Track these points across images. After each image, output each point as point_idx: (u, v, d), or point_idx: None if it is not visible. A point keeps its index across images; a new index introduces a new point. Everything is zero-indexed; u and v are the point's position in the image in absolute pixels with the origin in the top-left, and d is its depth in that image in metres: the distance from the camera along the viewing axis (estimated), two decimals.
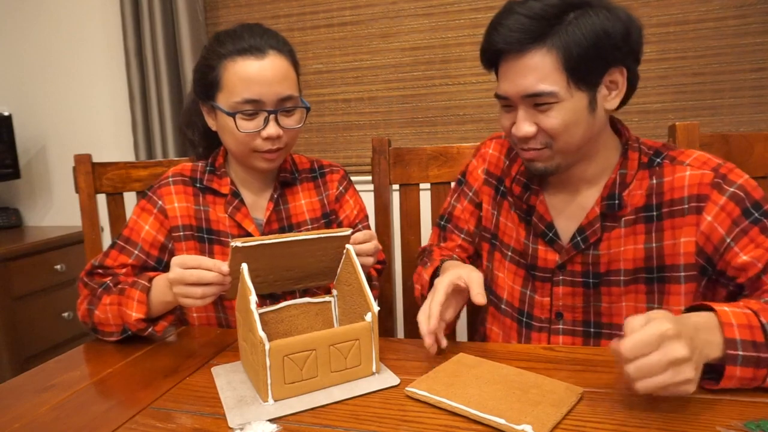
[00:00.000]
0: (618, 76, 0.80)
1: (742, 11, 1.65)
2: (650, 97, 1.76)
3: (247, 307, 0.70)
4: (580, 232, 0.86)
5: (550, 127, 0.78)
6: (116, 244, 1.01)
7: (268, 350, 0.66)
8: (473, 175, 1.02)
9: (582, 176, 0.87)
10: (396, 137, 1.98)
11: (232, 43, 0.94)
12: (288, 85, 0.96)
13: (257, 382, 0.69)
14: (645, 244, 0.83)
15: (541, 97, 0.77)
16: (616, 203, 0.84)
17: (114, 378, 0.79)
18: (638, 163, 0.85)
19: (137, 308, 0.87)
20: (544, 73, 0.76)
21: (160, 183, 1.05)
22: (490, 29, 0.80)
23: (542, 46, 0.75)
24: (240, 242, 0.72)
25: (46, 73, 2.28)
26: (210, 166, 1.06)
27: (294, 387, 0.69)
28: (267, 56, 0.94)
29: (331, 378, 0.71)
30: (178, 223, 1.02)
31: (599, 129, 0.82)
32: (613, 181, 0.85)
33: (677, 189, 0.81)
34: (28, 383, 0.80)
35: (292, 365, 0.68)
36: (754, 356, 0.62)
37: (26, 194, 2.40)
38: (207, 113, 1.02)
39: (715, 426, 0.57)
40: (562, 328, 0.89)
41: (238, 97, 0.93)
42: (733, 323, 0.64)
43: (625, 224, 0.84)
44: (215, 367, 0.79)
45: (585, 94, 0.78)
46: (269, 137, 0.95)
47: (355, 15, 1.96)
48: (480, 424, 0.61)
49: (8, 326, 1.84)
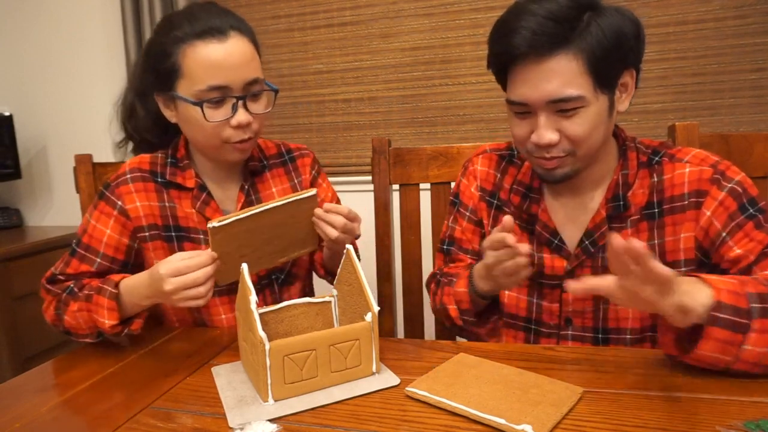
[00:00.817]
0: (628, 78, 0.80)
1: (742, 11, 1.65)
2: (650, 97, 1.76)
3: (247, 307, 0.70)
4: (588, 236, 0.85)
5: (574, 134, 0.77)
6: (76, 252, 0.95)
7: (268, 350, 0.66)
8: (466, 194, 1.00)
9: (586, 180, 0.86)
10: (396, 137, 1.98)
11: (189, 25, 0.87)
12: (254, 67, 0.89)
13: (257, 382, 0.69)
14: (648, 242, 0.83)
15: (568, 103, 0.75)
16: (622, 204, 0.84)
17: (114, 378, 0.79)
18: (637, 163, 0.85)
19: (109, 316, 0.84)
20: (569, 77, 0.74)
21: (118, 180, 0.96)
22: (506, 32, 0.75)
23: (567, 49, 0.73)
24: (216, 222, 0.75)
25: (46, 73, 2.28)
26: (171, 158, 0.98)
27: (294, 387, 0.69)
28: (229, 38, 0.87)
29: (331, 378, 0.71)
30: (143, 223, 0.95)
31: (611, 131, 0.83)
32: (616, 183, 0.85)
33: (677, 186, 0.82)
34: (28, 383, 0.80)
35: (292, 365, 0.68)
36: (733, 320, 0.63)
37: (27, 194, 2.40)
38: (164, 104, 0.93)
39: (715, 426, 0.57)
40: (572, 333, 0.89)
41: (203, 84, 0.86)
42: (721, 288, 0.65)
43: (631, 224, 0.84)
44: (215, 367, 0.79)
45: (607, 97, 0.77)
46: (239, 125, 0.88)
47: (356, 15, 1.96)
48: (480, 424, 0.61)
49: (8, 326, 1.84)
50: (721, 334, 0.63)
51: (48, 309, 0.94)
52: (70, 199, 2.33)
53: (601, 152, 0.84)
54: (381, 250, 1.25)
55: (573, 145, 0.78)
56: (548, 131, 0.77)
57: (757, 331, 0.63)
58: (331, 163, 2.07)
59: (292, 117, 2.08)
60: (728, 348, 0.64)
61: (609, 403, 0.63)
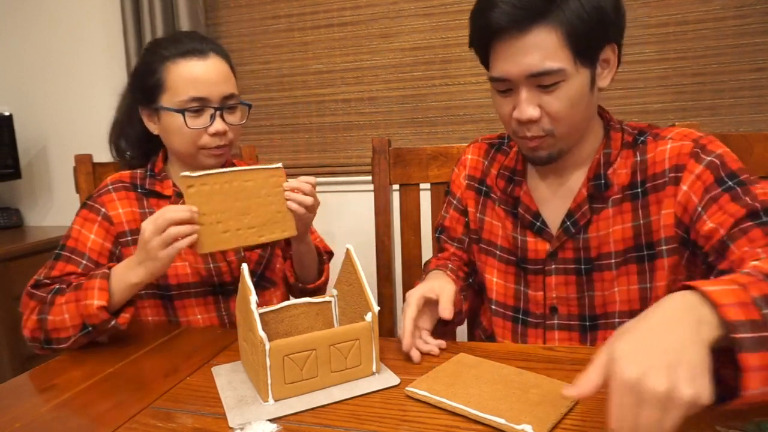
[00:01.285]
0: (610, 53, 0.79)
1: (742, 11, 1.65)
2: (650, 97, 1.76)
3: (247, 307, 0.70)
4: (569, 217, 0.85)
5: (555, 109, 0.77)
6: (61, 256, 0.97)
7: (268, 350, 0.66)
8: (456, 183, 1.03)
9: (570, 160, 0.86)
10: (396, 137, 1.98)
11: (174, 47, 0.98)
12: (230, 84, 1.00)
13: (257, 382, 0.69)
14: (633, 222, 0.83)
15: (549, 76, 0.74)
16: (603, 183, 0.83)
17: (114, 378, 0.79)
18: (621, 143, 0.85)
19: (99, 296, 0.84)
20: (549, 50, 0.73)
21: (100, 192, 1.03)
22: (485, 7, 0.75)
23: (546, 22, 0.72)
24: (188, 172, 0.83)
25: (46, 73, 2.28)
26: (150, 172, 1.06)
27: (294, 387, 0.69)
28: (209, 57, 0.98)
29: (332, 378, 0.71)
30: (125, 228, 1.01)
31: (594, 110, 0.83)
32: (598, 162, 0.84)
33: (659, 162, 0.81)
34: (28, 383, 0.80)
35: (292, 365, 0.68)
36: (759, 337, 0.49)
37: (27, 194, 2.40)
38: (148, 117, 1.03)
39: (715, 426, 0.57)
40: (558, 323, 0.89)
41: (184, 95, 0.95)
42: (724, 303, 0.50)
43: (613, 204, 0.84)
44: (215, 366, 0.80)
45: (588, 70, 0.77)
46: (216, 133, 0.97)
47: (356, 15, 1.96)
48: (480, 424, 0.61)
49: (8, 326, 1.84)
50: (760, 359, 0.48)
51: (28, 320, 0.92)
52: (70, 199, 2.33)
53: (585, 132, 0.84)
54: (381, 250, 1.25)
55: (553, 122, 0.78)
56: (529, 106, 0.77)
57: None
58: (331, 163, 2.07)
59: (292, 117, 2.08)
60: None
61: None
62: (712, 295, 0.51)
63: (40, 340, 0.90)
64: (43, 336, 0.89)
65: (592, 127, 0.85)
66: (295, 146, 2.09)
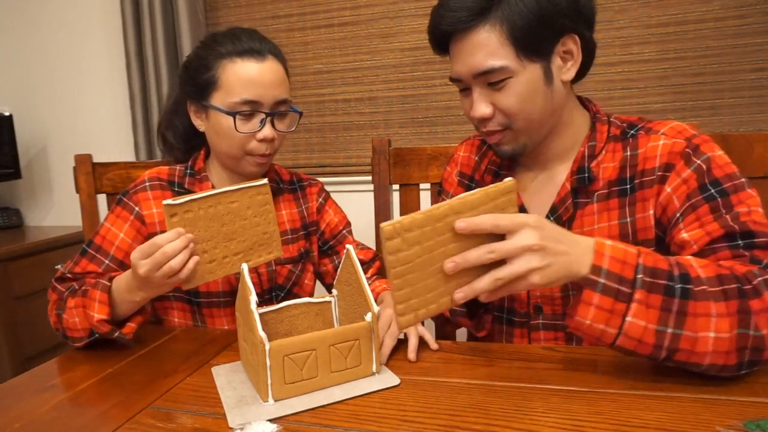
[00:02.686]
0: (571, 45, 0.77)
1: (742, 11, 1.65)
2: (650, 97, 1.76)
3: (247, 307, 0.70)
4: (553, 212, 0.84)
5: (505, 106, 0.77)
6: (87, 252, 0.97)
7: (268, 350, 0.66)
8: (448, 181, 1.02)
9: (550, 153, 0.85)
10: (396, 137, 1.98)
11: (232, 44, 0.94)
12: (284, 89, 0.97)
13: (257, 382, 0.69)
14: (619, 220, 0.80)
15: (493, 74, 0.75)
16: (586, 176, 0.82)
17: (114, 378, 0.79)
18: (607, 135, 0.83)
19: (99, 309, 0.83)
20: (492, 49, 0.74)
21: (137, 188, 1.01)
22: (434, 11, 0.78)
23: (486, 21, 0.74)
24: (171, 200, 0.77)
25: (46, 73, 2.28)
26: (190, 170, 1.04)
27: (294, 387, 0.69)
28: (266, 60, 0.94)
29: (332, 378, 0.71)
30: (157, 229, 0.99)
31: (560, 103, 0.81)
32: (582, 155, 0.83)
33: (650, 159, 0.79)
34: (28, 383, 0.80)
35: (292, 365, 0.68)
36: (614, 287, 0.62)
37: (27, 194, 2.40)
38: (195, 114, 1.00)
39: (715, 426, 0.57)
40: (542, 322, 0.88)
41: (237, 97, 0.92)
42: (605, 254, 0.63)
43: (598, 199, 0.82)
44: (215, 367, 0.80)
45: (538, 65, 0.76)
46: (264, 139, 0.95)
47: (355, 15, 1.96)
48: (479, 424, 0.61)
49: (8, 326, 1.84)
50: (600, 300, 0.62)
51: (51, 311, 0.93)
52: (70, 199, 2.33)
53: (560, 125, 0.83)
54: (381, 250, 1.25)
55: (508, 117, 0.78)
56: (480, 105, 0.79)
57: (639, 302, 0.61)
58: (331, 163, 2.07)
59: None
60: (610, 317, 0.62)
61: (609, 403, 0.63)
62: (599, 245, 0.64)
63: (61, 333, 0.91)
64: (62, 331, 0.91)
65: (571, 120, 0.84)
66: (295, 146, 2.09)
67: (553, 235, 0.63)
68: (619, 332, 0.62)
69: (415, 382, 0.72)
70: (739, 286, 0.63)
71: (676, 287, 0.62)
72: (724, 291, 0.62)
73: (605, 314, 0.62)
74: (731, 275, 0.64)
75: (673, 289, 0.62)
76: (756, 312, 0.61)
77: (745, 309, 0.61)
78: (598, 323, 0.63)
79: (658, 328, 0.62)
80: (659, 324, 0.61)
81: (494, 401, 0.65)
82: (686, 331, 0.61)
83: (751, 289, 0.62)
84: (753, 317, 0.61)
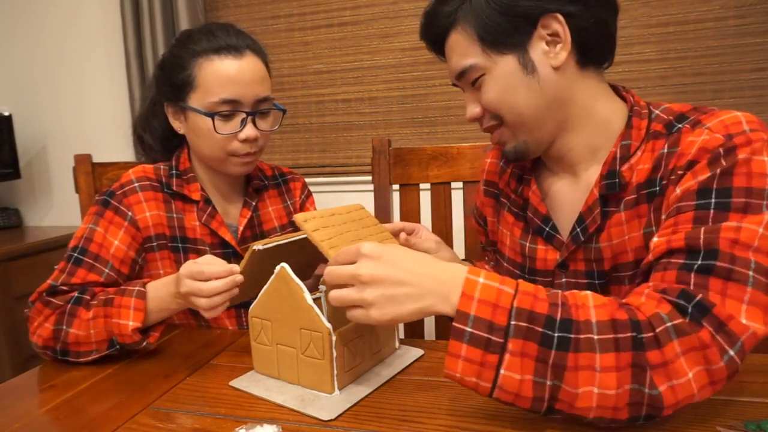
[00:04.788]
0: (556, 25, 0.69)
1: (742, 11, 1.65)
2: (650, 97, 1.76)
3: (300, 304, 0.68)
4: (580, 222, 0.74)
5: (486, 102, 0.75)
6: (82, 262, 0.89)
7: (334, 341, 0.67)
8: (478, 192, 0.97)
9: (574, 153, 0.76)
10: (396, 137, 1.98)
11: (207, 41, 0.90)
12: (266, 86, 0.94)
13: (315, 376, 0.69)
14: (644, 229, 0.69)
15: (467, 74, 0.75)
16: (617, 182, 0.70)
17: (114, 378, 0.79)
18: (646, 132, 0.71)
19: (134, 316, 0.79)
20: (463, 50, 0.74)
21: (125, 189, 0.94)
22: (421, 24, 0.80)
23: (457, 23, 0.74)
24: (261, 245, 0.74)
25: (46, 73, 2.28)
26: (176, 170, 0.99)
27: (350, 374, 0.71)
28: (245, 56, 0.91)
29: (372, 360, 0.74)
30: (151, 233, 0.95)
31: (557, 93, 0.72)
32: (614, 156, 0.71)
33: (684, 155, 0.64)
34: (28, 383, 0.80)
35: (349, 353, 0.70)
36: (484, 337, 0.54)
37: (26, 194, 2.40)
38: (173, 115, 0.97)
39: (715, 426, 0.57)
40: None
41: (215, 97, 0.89)
42: (474, 296, 0.55)
43: (626, 207, 0.71)
44: (234, 381, 0.75)
45: (511, 56, 0.71)
46: (247, 139, 0.92)
47: (355, 15, 1.96)
48: (480, 424, 0.60)
49: (8, 326, 1.84)
50: (468, 352, 0.55)
51: (41, 328, 0.84)
52: (69, 199, 2.33)
53: (578, 118, 0.74)
54: None
55: (495, 113, 0.76)
56: (470, 105, 0.78)
57: (512, 353, 0.53)
58: (331, 163, 2.07)
59: (292, 117, 2.08)
60: (482, 370, 0.54)
61: None
62: (468, 285, 0.56)
63: (55, 351, 0.84)
64: (60, 347, 0.83)
65: (592, 113, 0.74)
66: (295, 146, 2.09)
67: (396, 265, 0.59)
68: (493, 386, 0.55)
69: (415, 381, 0.72)
70: (635, 336, 0.53)
71: (554, 336, 0.54)
72: (616, 340, 0.53)
73: (476, 367, 0.55)
74: (628, 321, 0.54)
75: (550, 338, 0.54)
76: (653, 366, 0.52)
77: (640, 363, 0.52)
78: (469, 376, 0.55)
79: (536, 380, 0.54)
80: (536, 375, 0.54)
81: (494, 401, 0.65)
82: (565, 385, 0.53)
83: (650, 339, 0.53)
84: (649, 372, 0.52)
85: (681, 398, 0.53)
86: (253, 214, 1.04)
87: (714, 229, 0.58)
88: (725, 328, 0.53)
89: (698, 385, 0.53)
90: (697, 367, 0.53)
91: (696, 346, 0.53)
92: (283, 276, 0.70)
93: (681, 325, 0.54)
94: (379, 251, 0.60)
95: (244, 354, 0.84)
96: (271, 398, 0.69)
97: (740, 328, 0.54)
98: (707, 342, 0.53)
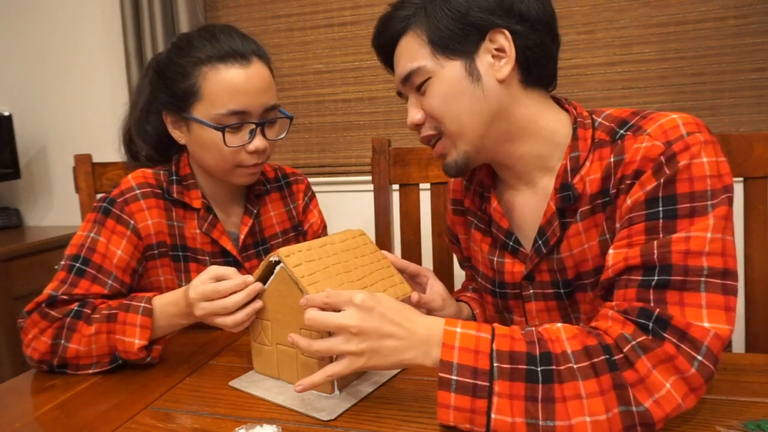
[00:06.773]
0: (502, 41, 0.70)
1: (742, 11, 1.65)
2: (650, 97, 1.76)
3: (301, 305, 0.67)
4: (541, 235, 0.75)
5: (428, 107, 0.74)
6: (85, 273, 0.85)
7: None
8: (448, 212, 0.97)
9: (524, 163, 0.76)
10: (396, 137, 1.98)
11: (211, 47, 0.86)
12: (272, 93, 0.91)
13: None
14: (599, 237, 0.71)
15: (414, 77, 0.74)
16: (570, 194, 0.72)
17: (114, 378, 0.79)
18: (591, 142, 0.72)
19: (141, 334, 0.77)
20: (412, 53, 0.74)
21: (126, 197, 0.90)
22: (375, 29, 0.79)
23: (410, 27, 0.74)
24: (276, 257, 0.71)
25: (46, 73, 2.28)
26: (176, 176, 0.95)
27: (350, 374, 0.69)
28: (252, 64, 0.87)
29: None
30: (153, 241, 0.92)
31: (499, 104, 0.72)
32: (565, 168, 0.72)
33: (630, 164, 0.66)
34: (28, 383, 0.80)
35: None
36: (470, 383, 0.56)
37: (26, 194, 2.40)
38: (173, 125, 0.92)
39: (715, 426, 0.57)
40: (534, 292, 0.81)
41: (223, 108, 0.85)
42: (454, 345, 0.58)
43: (582, 217, 0.72)
44: (234, 381, 0.75)
45: (458, 62, 0.71)
46: (256, 150, 0.89)
47: (355, 15, 1.96)
48: None
49: (8, 326, 1.84)
50: (457, 401, 0.56)
51: (36, 341, 0.81)
52: (69, 199, 2.33)
53: (521, 129, 0.74)
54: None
55: (437, 121, 0.75)
56: (412, 110, 0.77)
57: (500, 395, 0.55)
58: (331, 163, 2.07)
59: None
60: (473, 417, 0.56)
61: None
62: (447, 335, 0.59)
63: (51, 365, 0.81)
64: (58, 362, 0.81)
65: (537, 124, 0.74)
66: (295, 146, 2.09)
67: (384, 318, 0.61)
68: (487, 431, 0.56)
69: (415, 381, 0.72)
70: (607, 358, 0.56)
71: (538, 371, 0.56)
72: (593, 366, 0.55)
73: (467, 415, 0.56)
74: (599, 345, 0.57)
75: (535, 373, 0.55)
76: (632, 384, 0.54)
77: (620, 383, 0.54)
78: (462, 424, 0.57)
79: (529, 421, 0.55)
80: (528, 417, 0.55)
81: None
82: (558, 421, 0.54)
83: (622, 360, 0.55)
84: (630, 391, 0.54)
85: (668, 410, 0.54)
86: (255, 221, 1.02)
87: (665, 243, 0.60)
88: (687, 336, 0.56)
89: (680, 394, 0.54)
90: (671, 377, 0.55)
91: (663, 359, 0.55)
92: (283, 276, 0.70)
93: (645, 341, 0.56)
94: (371, 303, 0.61)
95: (243, 354, 0.84)
96: (271, 398, 0.69)
97: (701, 333, 0.56)
98: (672, 353, 0.55)
